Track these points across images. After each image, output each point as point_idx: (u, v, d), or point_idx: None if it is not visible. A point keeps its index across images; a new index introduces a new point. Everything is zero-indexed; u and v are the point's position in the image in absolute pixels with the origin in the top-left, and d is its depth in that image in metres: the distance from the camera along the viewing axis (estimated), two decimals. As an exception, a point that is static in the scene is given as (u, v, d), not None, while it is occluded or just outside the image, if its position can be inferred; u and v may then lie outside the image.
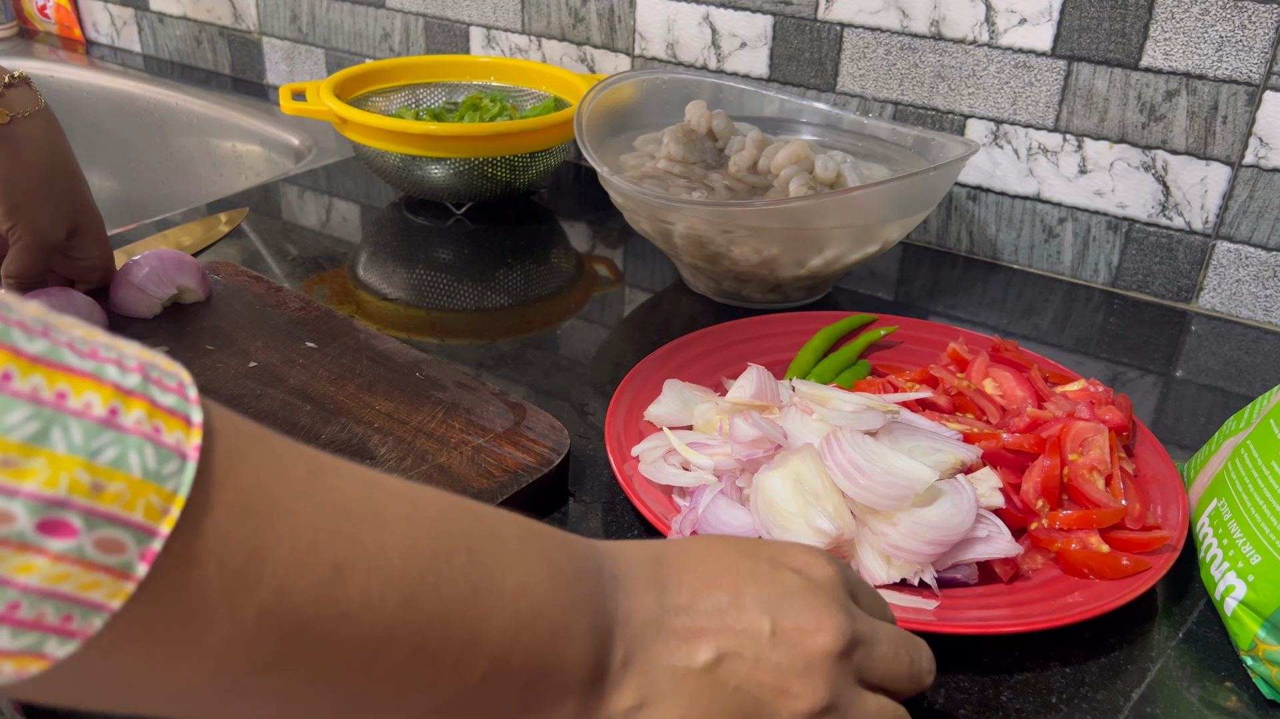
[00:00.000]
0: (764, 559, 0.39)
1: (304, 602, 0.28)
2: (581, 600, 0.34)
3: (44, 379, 0.23)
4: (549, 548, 0.35)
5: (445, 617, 0.31)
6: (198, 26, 1.40)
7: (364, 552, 0.29)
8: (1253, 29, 0.78)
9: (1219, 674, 0.51)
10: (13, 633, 0.23)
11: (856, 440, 0.52)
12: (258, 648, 0.27)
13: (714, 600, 0.37)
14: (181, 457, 0.25)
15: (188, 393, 0.26)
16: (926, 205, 0.80)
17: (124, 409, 0.24)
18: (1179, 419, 0.73)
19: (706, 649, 0.36)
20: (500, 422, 0.61)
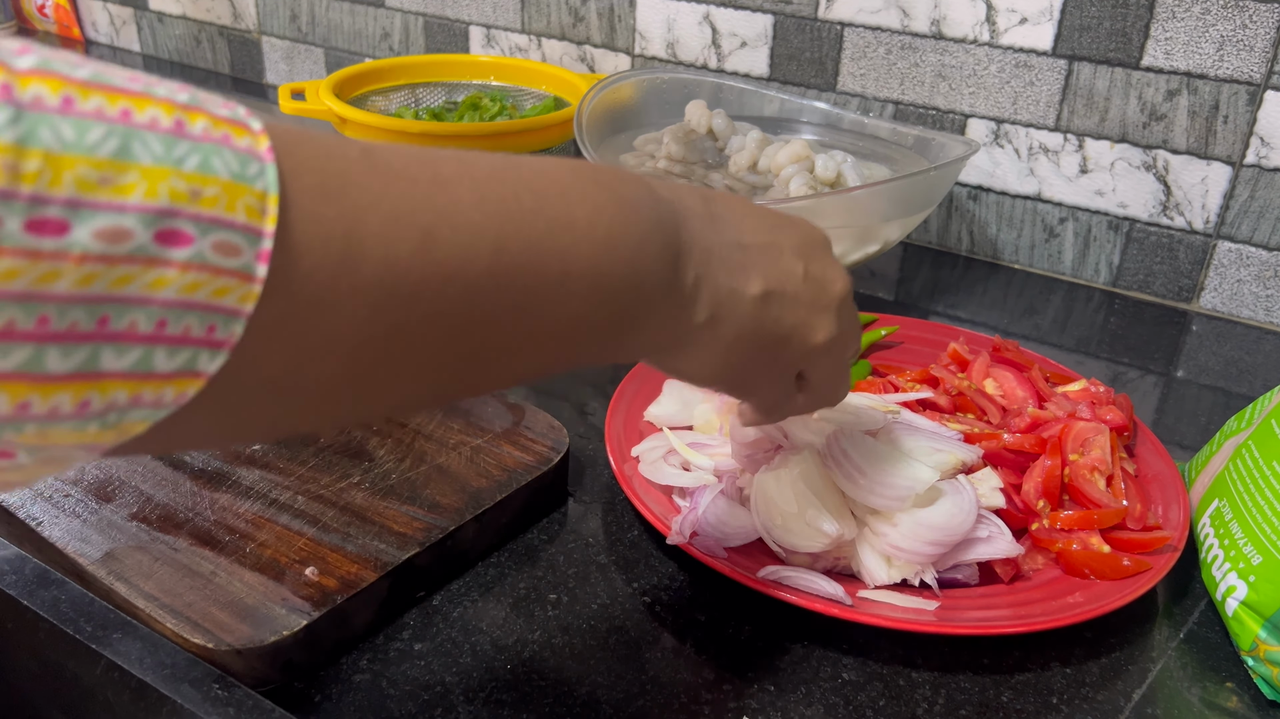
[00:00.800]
0: (785, 215, 0.44)
1: (408, 267, 0.28)
2: (649, 222, 0.37)
3: (104, 99, 0.23)
4: (603, 177, 0.37)
5: (534, 258, 0.32)
6: (197, 26, 1.40)
7: (442, 212, 0.30)
8: (1254, 29, 0.78)
9: (1220, 675, 0.51)
10: (168, 352, 0.24)
11: (857, 440, 0.52)
12: (385, 320, 0.28)
13: (759, 240, 0.41)
14: (259, 159, 0.25)
15: (237, 109, 0.26)
16: (927, 205, 0.79)
17: (189, 120, 0.24)
18: (1180, 419, 0.73)
19: (758, 281, 0.40)
20: (499, 422, 0.61)
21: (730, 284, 0.40)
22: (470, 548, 0.54)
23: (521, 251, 0.32)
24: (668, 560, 0.56)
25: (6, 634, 0.51)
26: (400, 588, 0.51)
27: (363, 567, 0.50)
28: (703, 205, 0.41)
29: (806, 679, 0.49)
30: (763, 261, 0.41)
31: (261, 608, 0.47)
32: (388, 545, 0.51)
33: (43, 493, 0.53)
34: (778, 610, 0.53)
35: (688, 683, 0.48)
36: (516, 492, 0.56)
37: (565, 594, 0.53)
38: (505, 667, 0.49)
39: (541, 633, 0.51)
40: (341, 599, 0.48)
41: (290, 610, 0.47)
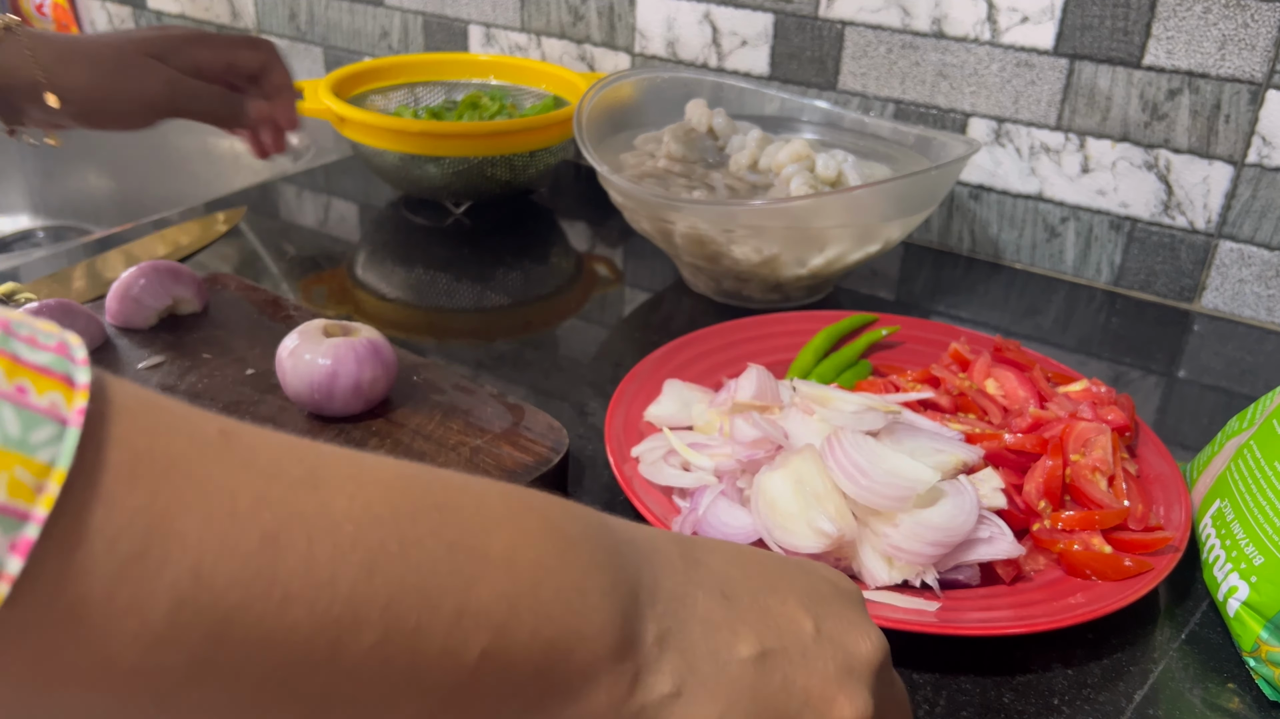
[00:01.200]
0: (790, 560, 0.36)
1: (229, 584, 0.22)
2: (594, 561, 0.29)
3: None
4: (542, 504, 0.30)
5: (419, 585, 0.25)
6: (196, 25, 1.40)
7: (301, 516, 0.24)
8: (1255, 28, 0.78)
9: (1222, 676, 0.51)
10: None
11: (858, 441, 0.52)
12: (179, 651, 0.22)
13: (752, 588, 0.33)
14: (59, 422, 0.20)
15: (72, 353, 0.22)
16: (928, 204, 0.79)
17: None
18: (1182, 419, 0.73)
19: (751, 640, 0.32)
20: (498, 422, 0.60)
21: (709, 645, 0.31)
22: None
23: (402, 577, 0.25)
24: (667, 561, 0.56)
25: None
26: None
27: None
28: (676, 548, 0.33)
29: (807, 680, 0.49)
30: (756, 614, 0.32)
31: None
32: None
33: None
34: (778, 611, 0.52)
35: (688, 684, 0.48)
36: None
37: (564, 595, 0.53)
38: (504, 668, 0.48)
39: (541, 634, 0.50)
40: None
41: None
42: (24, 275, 0.84)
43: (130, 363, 0.65)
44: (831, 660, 0.33)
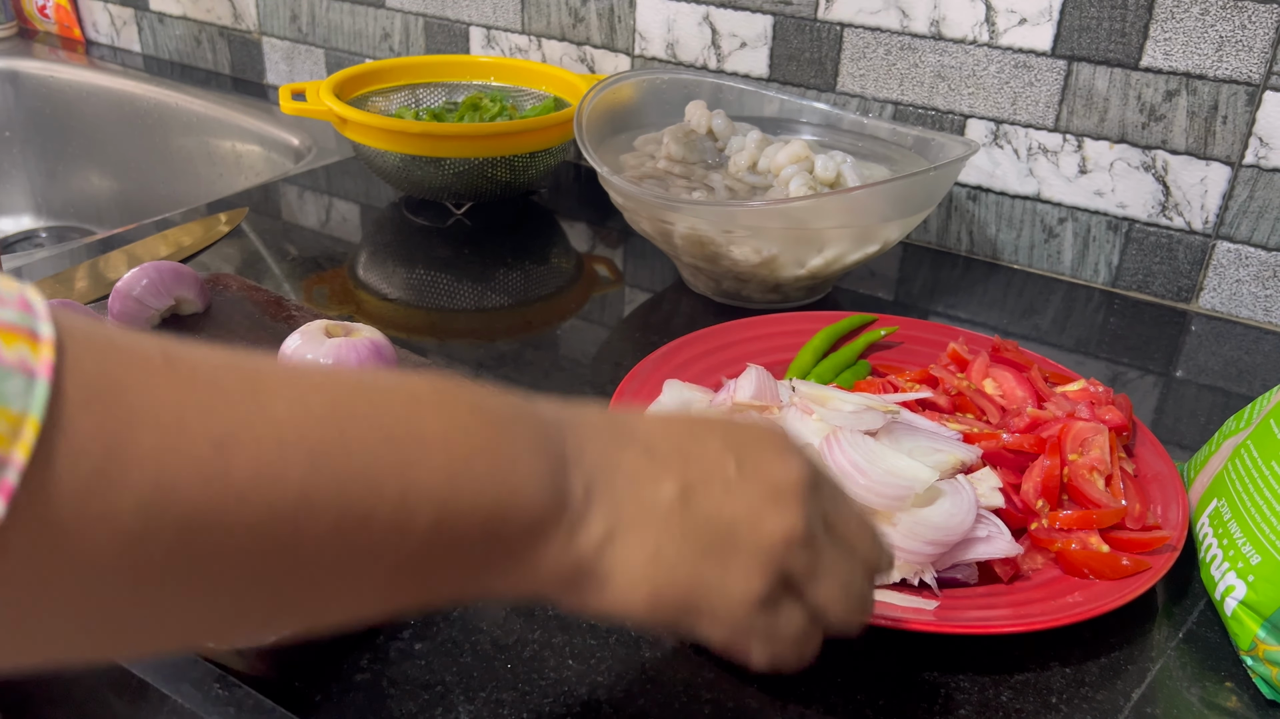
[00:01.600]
0: (711, 413, 0.39)
1: (188, 487, 0.24)
2: (522, 434, 0.32)
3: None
4: (469, 390, 0.32)
5: (364, 472, 0.28)
6: (197, 26, 1.40)
7: (246, 422, 0.26)
8: (1253, 29, 0.78)
9: (1219, 674, 0.51)
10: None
11: (856, 440, 0.52)
12: (152, 550, 0.24)
13: (673, 441, 0.36)
14: (27, 373, 0.22)
15: (34, 308, 0.23)
16: (926, 205, 0.80)
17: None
18: (1179, 419, 0.73)
19: (673, 481, 0.34)
20: None
21: (635, 492, 0.34)
22: None
23: (347, 466, 0.27)
24: (667, 560, 0.56)
25: (7, 634, 0.51)
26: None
27: None
28: (603, 418, 0.36)
29: (806, 679, 0.49)
30: (678, 461, 0.35)
31: None
32: None
33: None
34: (777, 610, 0.53)
35: (688, 683, 0.48)
36: None
37: (565, 594, 0.53)
38: (505, 667, 0.49)
39: (541, 633, 0.51)
40: None
41: None
42: (27, 276, 0.84)
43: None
44: (755, 488, 0.35)
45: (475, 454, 0.31)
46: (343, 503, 0.27)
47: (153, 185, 1.38)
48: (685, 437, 0.36)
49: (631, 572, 0.34)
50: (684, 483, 0.34)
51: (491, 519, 0.31)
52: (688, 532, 0.34)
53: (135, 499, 0.24)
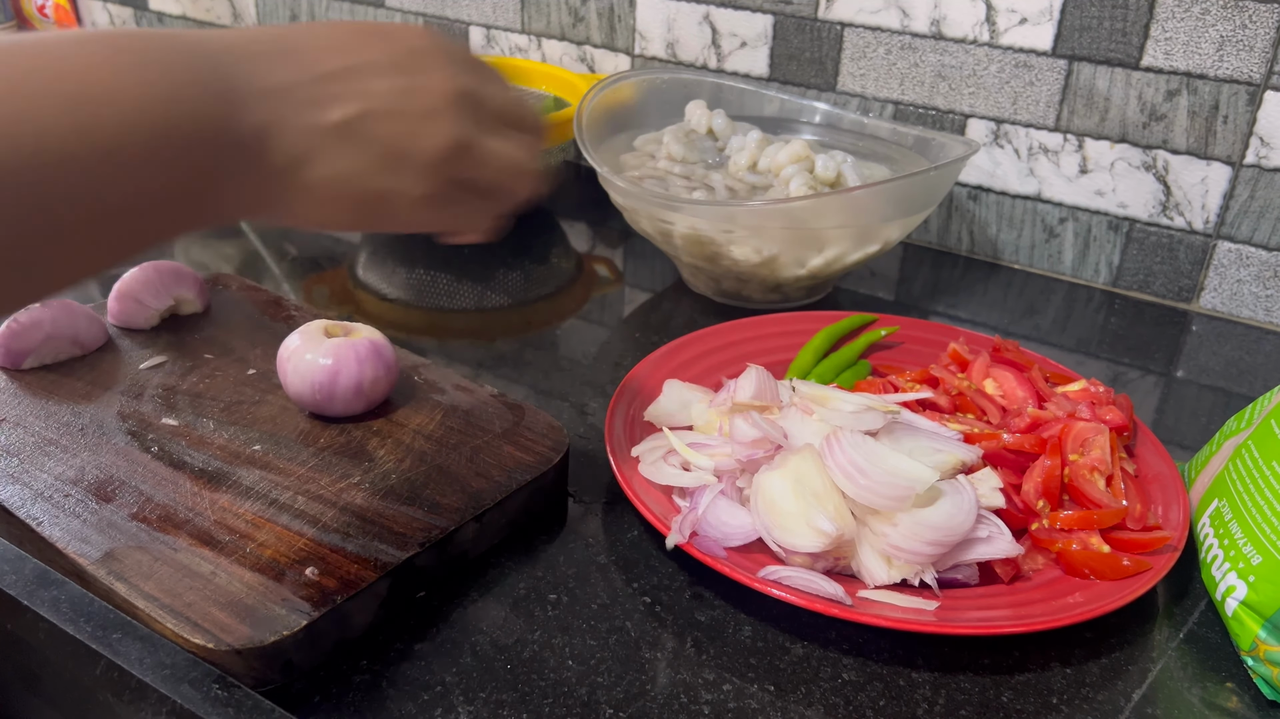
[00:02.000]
0: (377, 32, 0.42)
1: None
2: (182, 77, 0.35)
3: None
4: (124, 41, 0.35)
5: (53, 142, 0.32)
6: (197, 26, 1.40)
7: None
8: (1253, 29, 0.78)
9: (1220, 675, 0.51)
10: None
11: (857, 441, 0.52)
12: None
13: (342, 65, 0.40)
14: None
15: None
16: (927, 205, 0.80)
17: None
18: (1180, 419, 0.73)
19: (337, 110, 0.39)
20: (499, 422, 0.61)
21: (308, 120, 0.38)
22: (470, 548, 0.54)
23: (34, 137, 0.31)
24: (668, 560, 0.56)
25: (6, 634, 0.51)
26: (400, 588, 0.51)
27: (363, 567, 0.50)
28: (272, 43, 0.39)
29: (806, 679, 0.49)
30: (345, 88, 0.39)
31: (261, 608, 0.47)
32: (388, 546, 0.51)
33: (42, 493, 0.53)
34: (778, 611, 0.53)
35: (688, 683, 0.48)
36: (516, 492, 0.56)
37: (565, 594, 0.53)
38: (505, 667, 0.49)
39: (541, 633, 0.51)
40: (341, 599, 0.48)
41: (290, 610, 0.47)
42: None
43: (132, 363, 0.65)
44: (417, 105, 0.41)
45: (144, 101, 0.34)
46: (38, 169, 0.31)
47: (153, 185, 1.38)
48: (352, 59, 0.40)
49: (321, 188, 0.39)
50: (347, 112, 0.39)
51: (172, 158, 0.35)
52: (360, 153, 0.40)
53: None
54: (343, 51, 0.40)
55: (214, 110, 0.36)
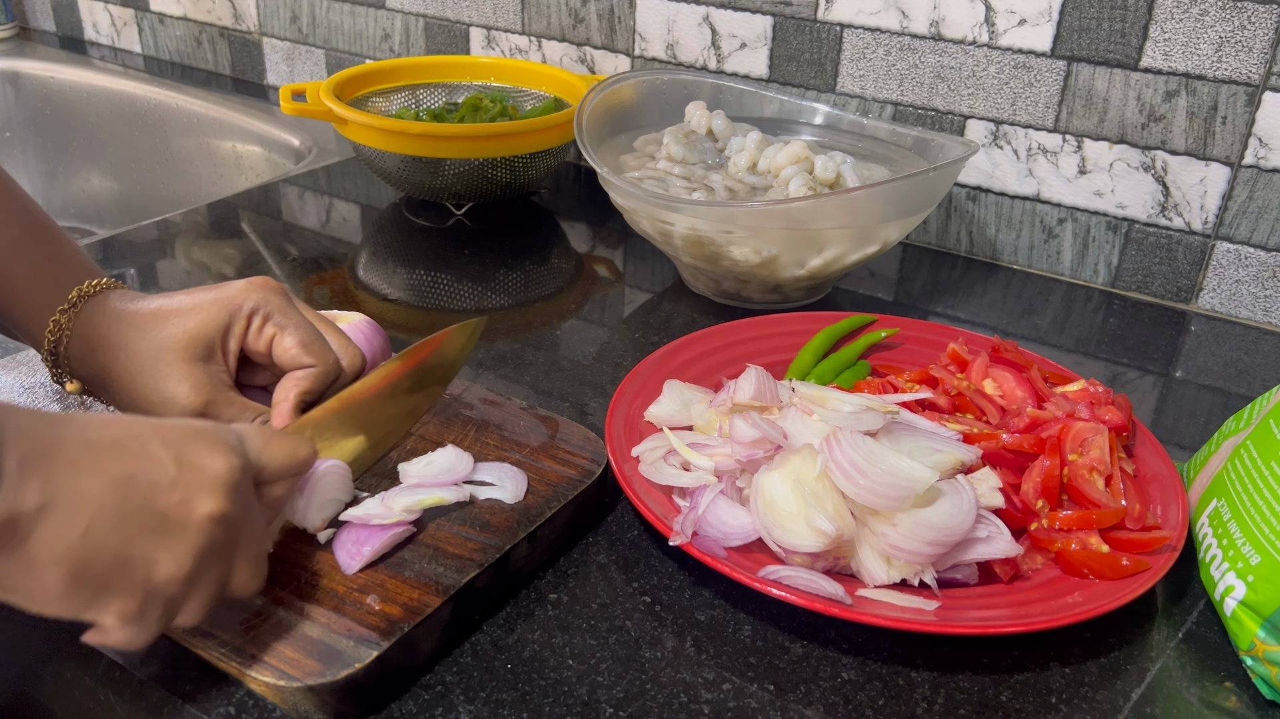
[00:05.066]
0: (155, 422, 0.42)
1: None
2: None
3: None
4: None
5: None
6: (198, 27, 1.40)
7: None
8: (1252, 29, 0.78)
9: (1219, 674, 0.51)
10: None
11: (856, 441, 0.52)
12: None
13: (113, 435, 0.40)
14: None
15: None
16: (926, 206, 0.80)
17: None
18: (1179, 419, 0.73)
19: (112, 470, 0.39)
20: (534, 436, 0.60)
21: (72, 473, 0.38)
22: (524, 567, 0.53)
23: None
24: (668, 560, 0.56)
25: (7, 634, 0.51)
26: (461, 612, 0.50)
27: (424, 592, 0.48)
28: (40, 416, 0.39)
29: (806, 679, 0.49)
30: (117, 451, 0.40)
31: (327, 640, 0.46)
32: (445, 569, 0.50)
33: None
34: (778, 610, 0.53)
35: (688, 683, 0.48)
36: (564, 507, 0.55)
37: (565, 594, 0.53)
38: (505, 666, 0.49)
39: (541, 633, 0.51)
40: (409, 627, 0.46)
41: (358, 642, 0.46)
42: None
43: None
44: (191, 481, 0.41)
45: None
46: None
47: (153, 186, 1.38)
48: (125, 431, 0.41)
49: (56, 545, 0.37)
50: (124, 470, 0.39)
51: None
52: (124, 517, 0.39)
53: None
54: (114, 424, 0.41)
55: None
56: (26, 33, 1.58)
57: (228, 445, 0.43)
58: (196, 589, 0.42)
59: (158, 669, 0.47)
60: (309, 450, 0.47)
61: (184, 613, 0.42)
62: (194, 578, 0.41)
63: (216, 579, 0.43)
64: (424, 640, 0.48)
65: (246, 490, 0.43)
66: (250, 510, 0.44)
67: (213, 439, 0.42)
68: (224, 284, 0.56)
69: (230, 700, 0.46)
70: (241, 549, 0.43)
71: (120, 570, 0.39)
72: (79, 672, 0.49)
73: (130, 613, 0.40)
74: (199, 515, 0.41)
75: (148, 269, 0.89)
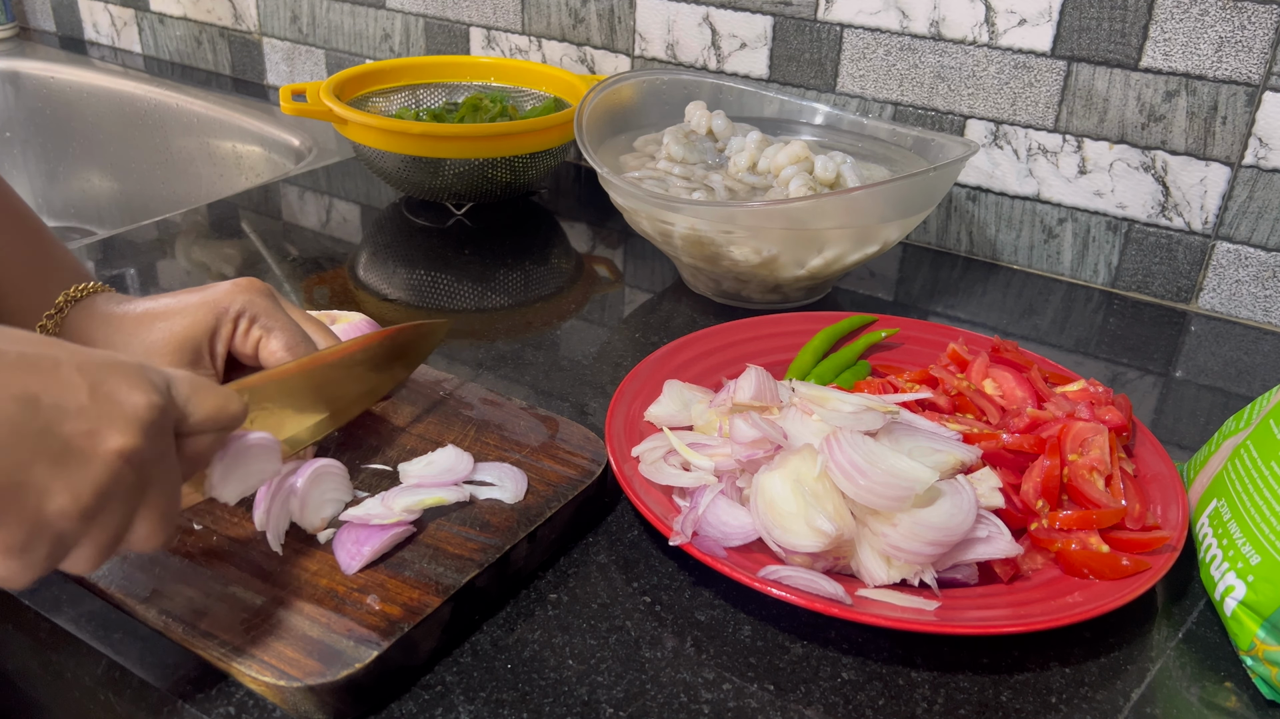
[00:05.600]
0: (70, 346, 0.40)
1: None
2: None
3: None
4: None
5: None
6: (198, 27, 1.40)
7: None
8: (1252, 29, 0.78)
9: (1219, 674, 0.51)
10: None
11: (856, 441, 0.52)
12: None
13: (24, 349, 0.38)
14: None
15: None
16: (926, 206, 0.80)
17: None
18: (1179, 419, 0.73)
19: (17, 383, 0.37)
20: (534, 436, 0.60)
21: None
22: (524, 567, 0.53)
23: None
24: (668, 560, 0.56)
25: (7, 634, 0.51)
26: (461, 612, 0.50)
27: (424, 592, 0.48)
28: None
29: (806, 679, 0.49)
30: (24, 367, 0.37)
31: (327, 640, 0.46)
32: (445, 569, 0.50)
33: None
34: (778, 610, 0.53)
35: (688, 683, 0.48)
36: (564, 506, 0.55)
37: (565, 594, 0.53)
38: (505, 666, 0.49)
39: (541, 633, 0.51)
40: (409, 627, 0.46)
41: (358, 642, 0.46)
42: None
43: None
44: (103, 412, 0.38)
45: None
46: None
47: (153, 186, 1.38)
48: (38, 351, 0.38)
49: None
50: (26, 392, 0.37)
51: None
52: (20, 438, 0.36)
53: None
54: (30, 339, 0.38)
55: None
56: (26, 33, 1.58)
57: (150, 382, 0.40)
58: (91, 531, 0.39)
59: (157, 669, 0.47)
60: (239, 406, 0.45)
61: (75, 557, 0.39)
62: (90, 516, 0.38)
63: (115, 526, 0.39)
64: (424, 640, 0.48)
65: (164, 434, 0.41)
66: (165, 458, 0.41)
67: (135, 373, 0.40)
68: (210, 286, 0.55)
69: (230, 700, 0.46)
70: (149, 498, 0.40)
71: (8, 496, 0.36)
72: (78, 672, 0.49)
73: (14, 545, 0.37)
74: (106, 449, 0.38)
75: (148, 269, 0.89)
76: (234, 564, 0.50)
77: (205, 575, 0.49)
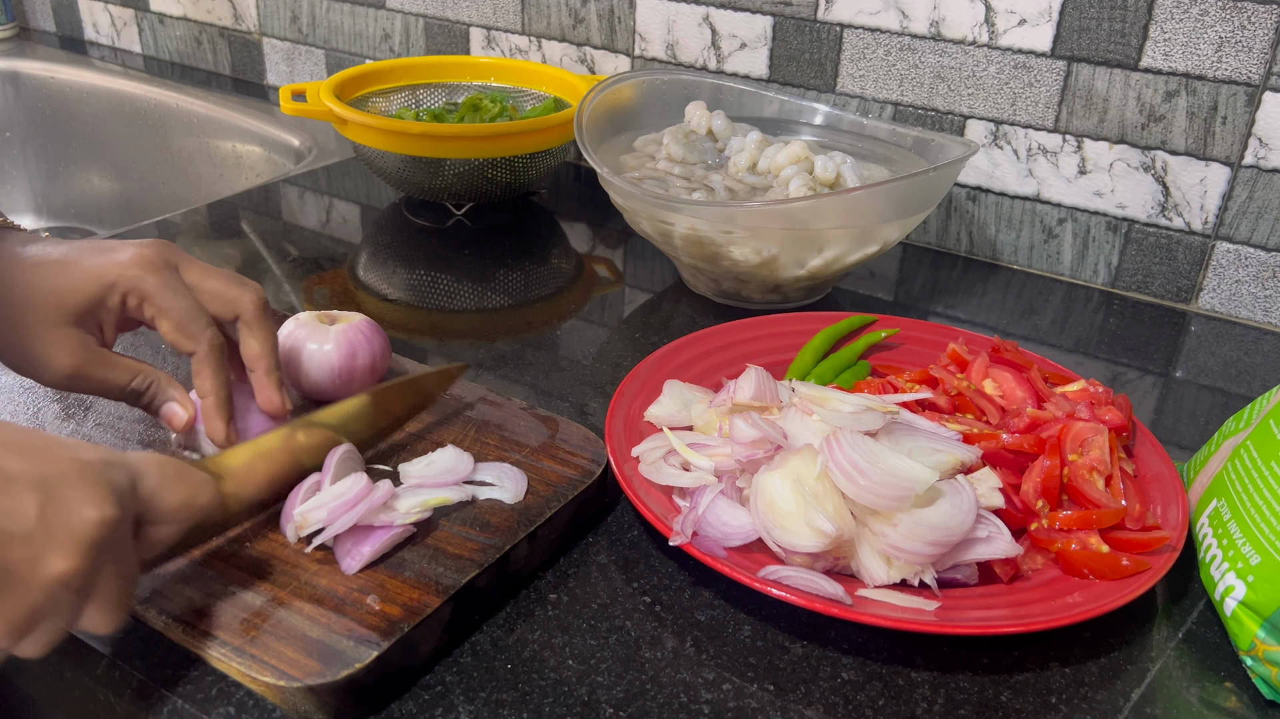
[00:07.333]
0: (39, 442, 0.40)
1: None
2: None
3: None
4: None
5: None
6: (198, 27, 1.40)
7: None
8: (1252, 30, 0.78)
9: (1219, 674, 0.51)
10: None
11: (856, 441, 0.52)
12: None
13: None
14: None
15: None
16: (926, 206, 0.80)
17: None
18: (1179, 419, 0.73)
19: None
20: (534, 436, 0.60)
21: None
22: (524, 567, 0.53)
23: None
24: (668, 560, 0.56)
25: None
26: (461, 612, 0.50)
27: (424, 592, 0.48)
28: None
29: (806, 679, 0.49)
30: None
31: (327, 640, 0.46)
32: (445, 569, 0.50)
33: None
34: (778, 610, 0.53)
35: (688, 683, 0.48)
36: (564, 507, 0.55)
37: (565, 594, 0.53)
38: (505, 666, 0.49)
39: (541, 633, 0.51)
40: (409, 627, 0.46)
41: (358, 642, 0.46)
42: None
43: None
44: (48, 535, 0.38)
45: None
46: None
47: (153, 186, 1.38)
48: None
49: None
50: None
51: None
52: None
53: None
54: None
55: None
56: (26, 33, 1.58)
57: (107, 491, 0.40)
58: (33, 634, 0.39)
59: (157, 669, 0.47)
60: (210, 496, 0.45)
61: (22, 646, 0.39)
62: (20, 633, 0.39)
63: (57, 626, 0.40)
64: (424, 640, 0.48)
65: (117, 540, 0.40)
66: (119, 557, 0.41)
67: (93, 481, 0.39)
68: (116, 246, 0.53)
69: (230, 700, 0.46)
70: (97, 596, 0.40)
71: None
72: (78, 672, 0.49)
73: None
74: (44, 575, 0.38)
75: (148, 269, 0.89)
76: (234, 564, 0.50)
77: (205, 575, 0.49)
